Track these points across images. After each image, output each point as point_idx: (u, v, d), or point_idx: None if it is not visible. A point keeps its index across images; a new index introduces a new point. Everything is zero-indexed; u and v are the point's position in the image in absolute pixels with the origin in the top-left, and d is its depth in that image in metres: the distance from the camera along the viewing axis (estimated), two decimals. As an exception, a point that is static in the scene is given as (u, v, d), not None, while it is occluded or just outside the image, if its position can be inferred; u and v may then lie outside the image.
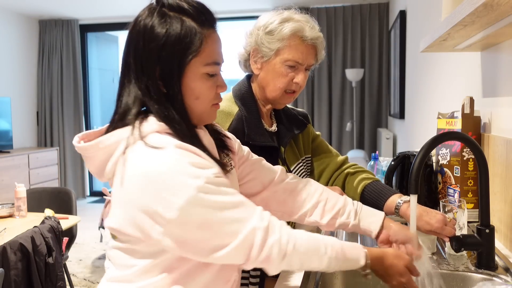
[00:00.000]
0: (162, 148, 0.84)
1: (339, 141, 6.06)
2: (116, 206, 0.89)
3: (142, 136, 0.87)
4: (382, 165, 2.47)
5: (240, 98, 1.41)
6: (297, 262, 0.90)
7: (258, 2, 5.76)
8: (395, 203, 1.29)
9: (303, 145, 1.55)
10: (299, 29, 1.33)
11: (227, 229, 0.83)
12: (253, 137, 1.34)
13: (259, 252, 0.85)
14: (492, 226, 1.14)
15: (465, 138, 1.11)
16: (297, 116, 1.56)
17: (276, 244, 0.86)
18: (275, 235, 0.87)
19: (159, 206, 0.81)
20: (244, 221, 0.84)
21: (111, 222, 0.90)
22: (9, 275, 2.21)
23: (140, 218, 0.84)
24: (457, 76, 2.06)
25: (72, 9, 6.12)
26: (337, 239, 0.97)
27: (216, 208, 0.83)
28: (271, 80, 1.37)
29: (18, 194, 2.87)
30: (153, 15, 0.90)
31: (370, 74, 5.92)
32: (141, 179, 0.83)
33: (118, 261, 0.94)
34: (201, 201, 0.81)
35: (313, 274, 1.17)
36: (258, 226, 0.85)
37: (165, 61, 0.89)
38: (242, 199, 0.88)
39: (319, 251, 0.92)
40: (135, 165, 0.85)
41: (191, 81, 0.91)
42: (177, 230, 0.82)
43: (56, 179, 6.26)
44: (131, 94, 0.91)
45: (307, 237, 0.92)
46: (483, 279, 1.12)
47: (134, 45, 0.91)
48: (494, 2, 0.91)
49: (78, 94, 6.62)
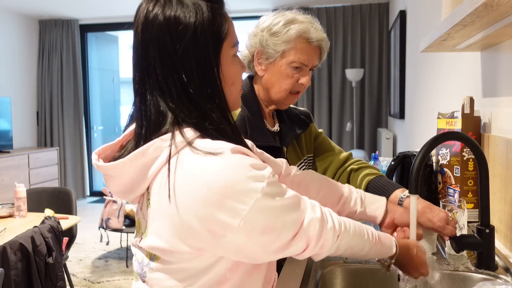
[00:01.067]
0: (219, 154, 0.76)
1: (339, 141, 6.06)
2: (161, 222, 0.79)
3: (188, 141, 0.77)
4: (382, 165, 2.47)
5: (242, 98, 1.40)
6: (343, 245, 0.90)
7: (258, 2, 5.76)
8: (398, 198, 1.29)
9: (305, 145, 1.55)
10: (305, 31, 1.33)
11: (288, 228, 0.80)
12: (256, 137, 1.34)
13: (317, 242, 0.84)
14: (492, 226, 1.13)
15: (465, 138, 1.11)
16: (299, 115, 1.56)
17: (330, 231, 0.86)
18: (329, 222, 0.87)
19: (224, 216, 0.74)
20: (301, 216, 0.83)
21: (152, 241, 0.81)
22: (9, 275, 2.21)
23: (199, 232, 0.76)
24: (457, 76, 2.06)
25: (72, 9, 6.12)
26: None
27: (279, 209, 0.79)
28: (276, 81, 1.37)
29: (18, 194, 2.87)
30: (167, 4, 0.80)
31: (370, 74, 5.92)
32: (201, 189, 0.74)
33: (163, 283, 0.84)
34: (267, 203, 0.76)
35: (313, 274, 1.17)
36: (313, 217, 0.83)
37: (200, 51, 0.80)
38: (294, 193, 0.85)
39: (363, 236, 0.93)
40: (190, 174, 0.75)
41: (227, 67, 0.85)
42: (242, 237, 0.76)
43: (56, 179, 6.26)
44: (161, 101, 0.80)
45: (353, 222, 0.93)
46: (483, 279, 1.11)
47: (156, 43, 0.79)
48: (494, 2, 0.91)
49: (78, 94, 6.62)
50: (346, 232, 0.90)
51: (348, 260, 1.24)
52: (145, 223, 0.84)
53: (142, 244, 0.84)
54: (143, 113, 0.82)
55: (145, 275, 0.86)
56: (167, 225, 0.78)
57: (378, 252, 0.97)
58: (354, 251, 0.94)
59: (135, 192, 0.83)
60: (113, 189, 0.85)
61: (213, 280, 0.83)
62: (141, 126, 0.82)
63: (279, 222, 0.78)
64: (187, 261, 0.81)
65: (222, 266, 0.83)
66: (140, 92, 0.82)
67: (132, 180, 0.81)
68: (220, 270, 0.83)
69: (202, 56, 0.80)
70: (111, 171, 0.81)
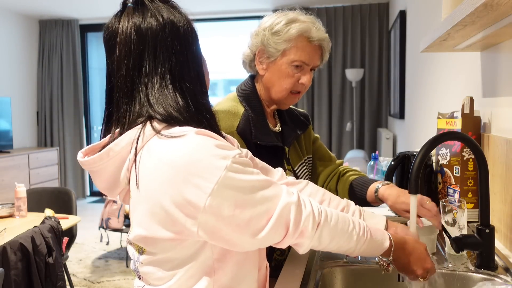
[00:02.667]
0: (183, 136, 0.80)
1: (339, 141, 6.06)
2: (140, 211, 0.83)
3: (156, 130, 0.82)
4: (382, 165, 2.47)
5: (245, 98, 1.41)
6: (327, 236, 0.88)
7: (258, 2, 5.76)
8: (375, 187, 1.40)
9: (305, 145, 1.56)
10: (305, 30, 1.34)
11: (261, 208, 0.80)
12: (260, 137, 1.35)
13: (296, 226, 0.83)
14: (492, 226, 1.14)
15: (465, 138, 1.11)
16: (299, 116, 1.57)
17: (310, 216, 0.85)
18: (307, 207, 0.86)
19: (191, 195, 0.76)
20: (275, 198, 0.82)
21: (136, 232, 0.85)
22: (9, 275, 2.21)
23: (171, 213, 0.78)
24: (457, 76, 2.06)
25: (72, 9, 6.12)
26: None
27: (247, 188, 0.79)
28: (277, 80, 1.38)
29: (18, 194, 2.87)
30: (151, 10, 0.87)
31: (370, 74, 5.92)
32: (166, 170, 0.78)
33: (154, 276, 0.87)
34: (232, 181, 0.77)
35: (313, 274, 1.17)
36: (290, 201, 0.83)
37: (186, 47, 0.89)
38: (267, 177, 0.85)
39: (348, 226, 0.91)
40: (156, 158, 0.80)
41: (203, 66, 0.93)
42: (212, 217, 0.77)
43: (56, 179, 6.27)
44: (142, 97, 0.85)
45: (336, 211, 0.92)
46: (483, 279, 1.11)
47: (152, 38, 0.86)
48: (494, 2, 0.91)
49: (78, 94, 6.62)
50: (327, 221, 0.88)
51: (348, 260, 1.24)
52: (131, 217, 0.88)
53: (129, 237, 0.88)
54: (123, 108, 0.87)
55: (138, 270, 0.90)
56: (144, 212, 0.82)
57: (368, 246, 0.94)
58: (340, 244, 0.91)
59: (118, 186, 0.87)
60: (99, 186, 0.89)
61: (201, 270, 0.85)
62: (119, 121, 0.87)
63: (248, 202, 0.79)
64: (170, 250, 0.83)
65: (208, 255, 0.85)
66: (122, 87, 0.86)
67: (113, 174, 0.85)
68: (207, 260, 0.85)
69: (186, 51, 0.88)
70: (91, 165, 0.86)
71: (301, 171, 1.51)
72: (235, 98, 1.42)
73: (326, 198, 1.20)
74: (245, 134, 1.27)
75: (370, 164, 2.54)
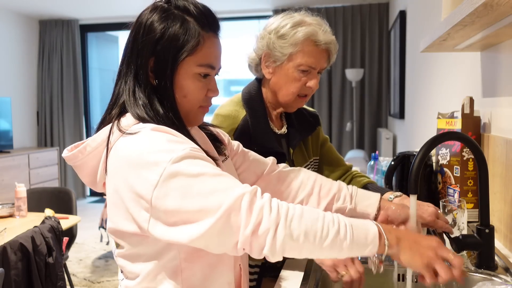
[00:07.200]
0: (138, 132, 0.85)
1: (339, 141, 6.06)
2: (110, 204, 0.89)
3: (121, 130, 0.88)
4: (382, 165, 2.47)
5: (249, 101, 1.40)
6: (297, 228, 0.77)
7: (258, 2, 5.75)
8: (387, 198, 1.30)
9: (311, 147, 1.54)
10: (312, 33, 1.31)
11: (210, 200, 0.77)
12: (260, 142, 1.34)
13: (248, 216, 0.76)
14: (492, 226, 1.14)
15: (465, 138, 1.11)
16: (308, 117, 1.54)
17: (266, 206, 0.77)
18: (263, 198, 0.79)
19: (140, 186, 0.80)
20: (227, 190, 0.78)
21: (109, 224, 0.90)
22: (9, 275, 2.21)
23: (129, 206, 0.83)
24: (457, 76, 2.06)
25: (72, 9, 6.12)
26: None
27: (194, 177, 0.78)
28: (283, 85, 1.36)
29: (18, 194, 2.87)
30: (156, 11, 0.93)
31: (370, 74, 5.92)
32: (122, 164, 0.84)
33: (126, 269, 0.92)
34: (176, 172, 0.78)
35: (313, 274, 1.17)
36: (242, 192, 0.78)
37: (160, 54, 0.91)
38: (223, 172, 0.82)
39: (319, 215, 0.80)
40: (116, 155, 0.86)
41: (183, 79, 0.93)
42: (160, 211, 0.79)
43: (56, 179, 6.27)
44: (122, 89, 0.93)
45: (302, 206, 0.82)
46: (483, 279, 1.11)
47: (133, 35, 0.94)
48: (494, 2, 0.91)
49: (78, 94, 6.62)
50: (292, 213, 0.78)
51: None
52: None
53: (107, 231, 0.92)
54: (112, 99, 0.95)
55: (117, 263, 0.95)
56: (111, 206, 0.87)
57: (353, 236, 0.79)
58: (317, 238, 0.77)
59: (99, 180, 0.92)
60: (83, 180, 0.95)
61: (168, 269, 0.88)
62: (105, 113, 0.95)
63: (196, 190, 0.78)
64: (136, 245, 0.88)
65: (174, 254, 0.87)
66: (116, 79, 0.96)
67: (93, 168, 0.91)
68: (173, 259, 0.87)
69: (161, 58, 0.91)
70: (72, 160, 0.92)
71: None
72: (239, 102, 1.40)
73: (316, 186, 1.18)
74: (243, 139, 1.26)
75: (370, 164, 2.54)
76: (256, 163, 1.18)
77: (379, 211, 1.15)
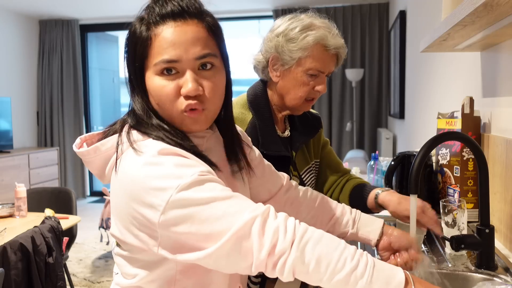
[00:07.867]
0: (145, 153, 0.82)
1: (339, 141, 6.06)
2: (114, 215, 0.87)
3: (132, 142, 0.86)
4: (382, 165, 2.47)
5: (254, 104, 1.38)
6: (310, 253, 0.73)
7: (258, 2, 5.75)
8: (375, 193, 1.37)
9: (313, 150, 1.54)
10: (322, 38, 1.29)
11: (218, 225, 0.74)
12: (267, 145, 1.32)
13: (260, 239, 0.73)
14: (492, 226, 1.14)
15: (465, 138, 1.11)
16: (311, 120, 1.53)
17: (281, 227, 0.74)
18: (277, 219, 0.75)
19: (146, 210, 0.78)
20: (236, 214, 0.75)
21: (113, 229, 0.89)
22: (9, 275, 2.21)
23: (134, 228, 0.82)
24: (457, 76, 2.06)
25: (72, 9, 6.12)
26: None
27: (202, 204, 0.76)
28: (291, 88, 1.34)
29: (18, 194, 2.87)
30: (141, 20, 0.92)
31: (370, 74, 5.92)
32: (129, 186, 0.81)
33: (122, 269, 0.92)
34: (184, 200, 0.76)
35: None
36: (253, 215, 0.74)
37: (130, 62, 0.90)
38: (233, 193, 0.79)
39: (339, 245, 0.75)
40: (123, 172, 0.83)
41: (149, 86, 0.88)
42: (168, 237, 0.78)
43: (56, 179, 6.27)
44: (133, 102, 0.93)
45: (322, 230, 0.78)
46: (483, 279, 1.11)
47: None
48: (494, 2, 0.91)
49: (78, 94, 6.62)
50: (308, 235, 0.74)
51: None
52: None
53: (110, 231, 0.92)
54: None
55: (115, 260, 0.95)
56: (117, 219, 0.86)
57: (372, 279, 0.72)
58: (329, 269, 0.72)
59: (106, 179, 0.92)
60: (92, 172, 0.95)
61: (163, 278, 0.87)
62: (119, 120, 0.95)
63: (204, 216, 0.76)
64: (137, 253, 0.87)
65: (171, 265, 0.86)
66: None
67: (101, 167, 0.91)
68: (170, 269, 0.87)
69: (131, 66, 0.89)
70: (82, 156, 0.92)
71: (307, 177, 1.49)
72: (244, 104, 1.38)
73: (320, 209, 1.18)
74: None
75: (370, 164, 2.54)
76: (273, 179, 1.15)
77: (381, 237, 1.13)
